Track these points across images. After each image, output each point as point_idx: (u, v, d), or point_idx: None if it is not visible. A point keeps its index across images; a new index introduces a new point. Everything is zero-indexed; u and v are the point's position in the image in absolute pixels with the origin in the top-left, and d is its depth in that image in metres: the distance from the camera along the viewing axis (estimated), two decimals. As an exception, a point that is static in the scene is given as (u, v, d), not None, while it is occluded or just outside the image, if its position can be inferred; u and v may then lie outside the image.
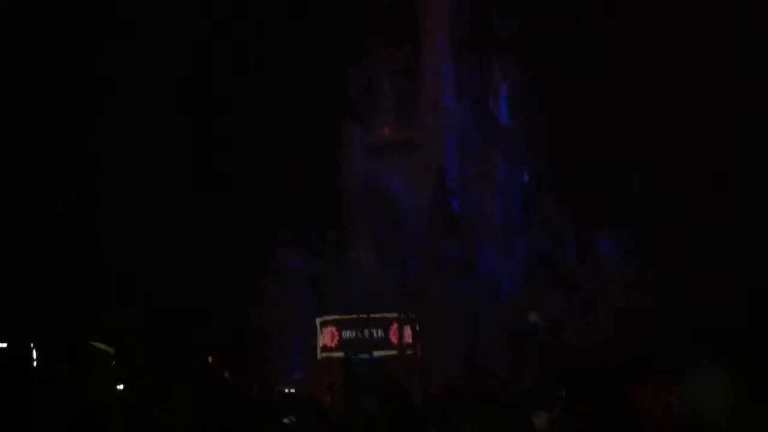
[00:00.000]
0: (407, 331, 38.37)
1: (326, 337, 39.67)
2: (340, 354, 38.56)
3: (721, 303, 32.36)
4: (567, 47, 41.85)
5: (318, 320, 39.62)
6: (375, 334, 38.83)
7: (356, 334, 39.14)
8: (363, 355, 37.75)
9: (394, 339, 38.45)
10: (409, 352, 37.91)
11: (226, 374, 33.98)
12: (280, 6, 43.35)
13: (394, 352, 38.11)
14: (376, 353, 38.14)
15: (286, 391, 32.88)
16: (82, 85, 40.84)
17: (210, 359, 33.03)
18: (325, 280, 40.04)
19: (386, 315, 38.65)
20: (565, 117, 41.21)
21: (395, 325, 38.50)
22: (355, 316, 39.08)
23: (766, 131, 37.41)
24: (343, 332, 39.43)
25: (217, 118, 42.40)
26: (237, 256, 39.56)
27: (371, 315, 38.74)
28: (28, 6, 40.16)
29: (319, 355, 39.38)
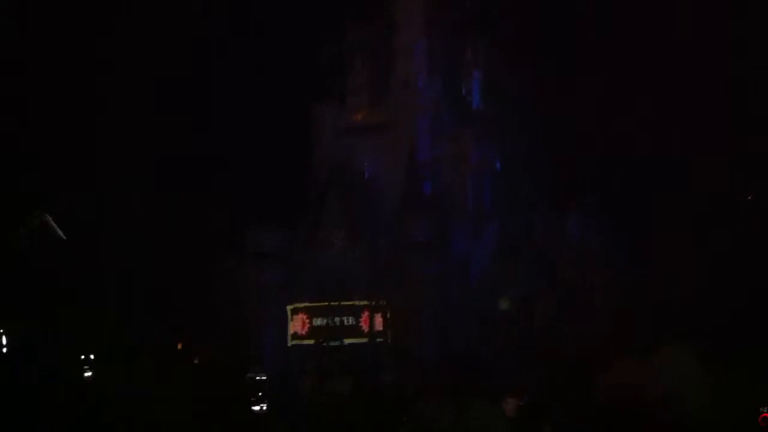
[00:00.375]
0: (378, 319, 38.33)
1: (297, 324, 39.51)
2: (310, 341, 38.51)
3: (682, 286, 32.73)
4: (541, 31, 41.70)
5: (289, 307, 39.44)
6: (346, 321, 38.76)
7: (327, 321, 39.02)
8: (334, 343, 37.68)
9: (365, 326, 38.39)
10: (380, 339, 37.87)
11: (196, 360, 33.80)
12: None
13: (365, 340, 38.05)
14: (347, 341, 38.03)
15: (257, 378, 32.64)
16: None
17: (179, 345, 32.80)
18: (296, 262, 39.82)
19: (357, 302, 38.59)
20: (538, 102, 41.14)
21: (366, 313, 38.42)
22: (326, 303, 38.95)
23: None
24: (314, 319, 39.30)
25: (188, 99, 42.01)
26: (208, 237, 39.34)
27: (342, 302, 38.64)
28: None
29: (290, 342, 39.22)
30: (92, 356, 27.61)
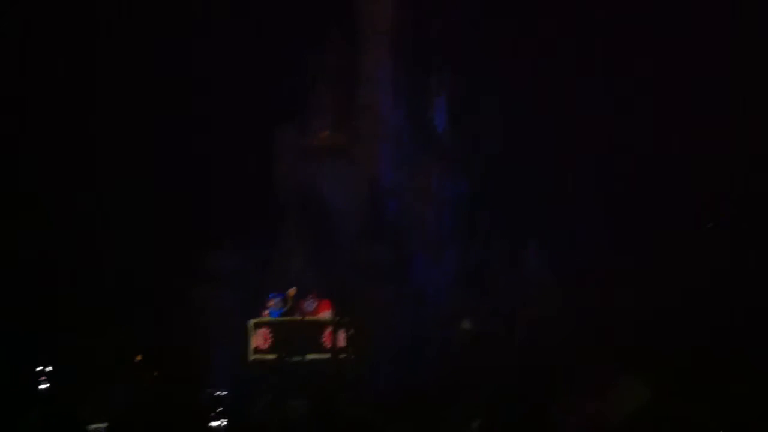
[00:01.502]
0: (341, 335, 38.47)
1: (259, 338, 39.52)
2: (272, 356, 38.52)
3: (644, 316, 32.90)
4: (508, 60, 41.95)
5: (251, 321, 39.45)
6: (308, 337, 38.78)
7: (289, 336, 39.04)
8: (296, 358, 37.72)
9: (327, 342, 38.48)
10: (342, 355, 37.99)
11: (155, 374, 33.73)
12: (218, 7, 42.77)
13: (327, 356, 38.14)
14: (309, 356, 38.11)
15: (216, 393, 32.62)
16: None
17: (138, 358, 32.63)
18: (254, 283, 39.83)
19: (320, 318, 38.76)
20: (499, 130, 41.42)
21: (329, 329, 38.53)
22: (288, 318, 39.01)
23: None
24: (276, 334, 39.29)
25: (153, 113, 41.84)
26: (164, 256, 39.15)
27: (305, 318, 38.73)
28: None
29: (251, 356, 39.20)
30: (50, 368, 27.42)
